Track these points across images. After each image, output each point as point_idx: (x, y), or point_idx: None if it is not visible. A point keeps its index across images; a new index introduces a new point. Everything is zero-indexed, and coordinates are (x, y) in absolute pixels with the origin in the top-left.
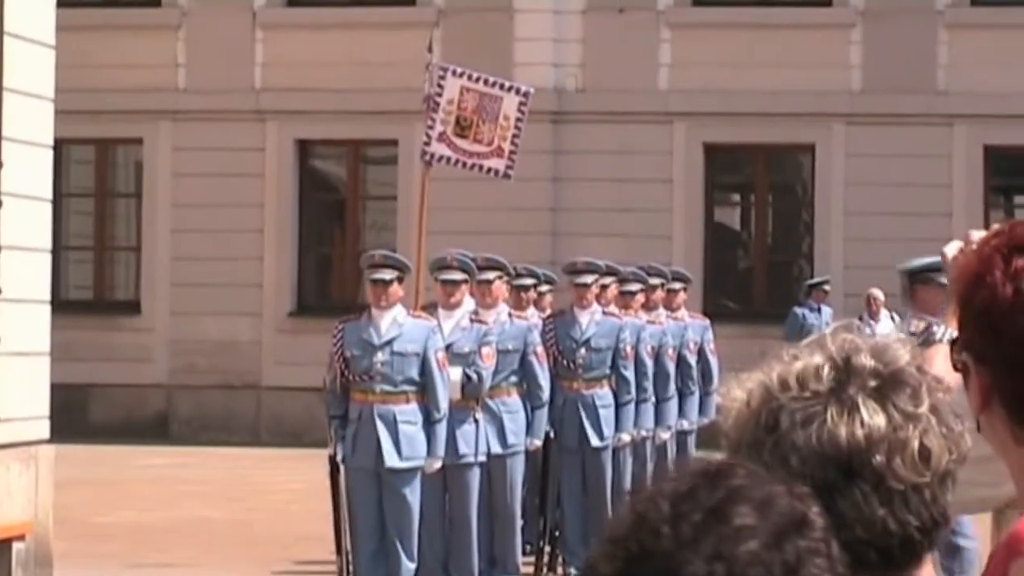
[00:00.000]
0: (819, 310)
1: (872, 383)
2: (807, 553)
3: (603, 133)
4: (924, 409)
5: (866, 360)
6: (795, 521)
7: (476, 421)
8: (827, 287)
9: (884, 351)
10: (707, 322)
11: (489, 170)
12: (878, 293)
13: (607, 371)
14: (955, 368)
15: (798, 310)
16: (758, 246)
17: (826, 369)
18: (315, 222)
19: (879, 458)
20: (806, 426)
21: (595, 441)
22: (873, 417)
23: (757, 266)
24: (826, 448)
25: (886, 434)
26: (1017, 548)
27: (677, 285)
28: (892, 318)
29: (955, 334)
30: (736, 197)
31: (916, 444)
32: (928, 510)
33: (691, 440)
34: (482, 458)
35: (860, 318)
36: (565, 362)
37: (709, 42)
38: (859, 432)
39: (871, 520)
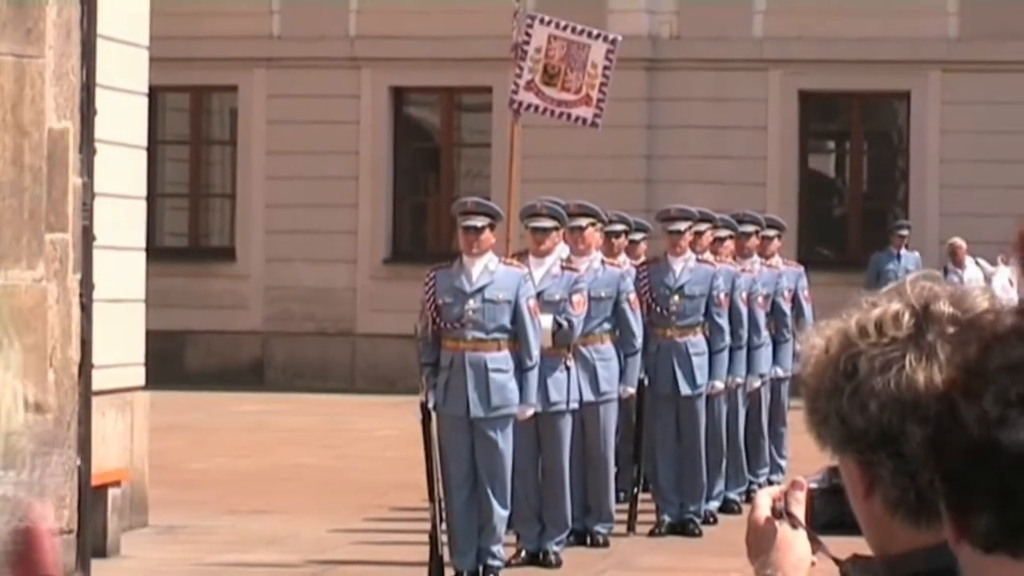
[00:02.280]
0: (898, 256)
1: (951, 330)
2: None
3: (697, 81)
4: None
5: (945, 307)
6: None
7: (568, 369)
8: (903, 232)
9: (963, 298)
10: (801, 270)
11: (577, 119)
12: (960, 241)
13: (700, 319)
14: None
15: (875, 257)
16: (853, 194)
17: (905, 316)
18: (409, 170)
19: None
20: (884, 372)
21: (688, 389)
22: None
23: (852, 214)
24: (904, 394)
25: None
26: None
27: (771, 233)
28: (978, 263)
29: None
30: (831, 145)
31: None
32: None
33: (785, 388)
34: (574, 406)
35: (945, 269)
36: (658, 309)
37: None
38: (937, 378)
39: None
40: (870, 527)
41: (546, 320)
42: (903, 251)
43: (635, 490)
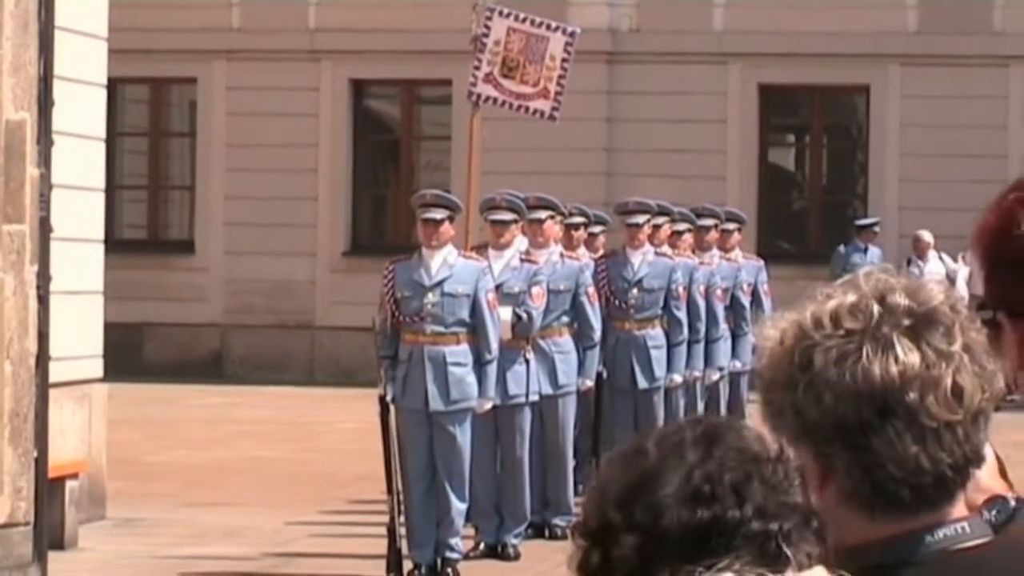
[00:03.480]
0: (866, 250)
1: (906, 321)
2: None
3: (657, 74)
4: (957, 347)
5: (900, 299)
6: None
7: (527, 361)
8: (876, 228)
9: (918, 290)
10: (761, 263)
11: (535, 111)
12: (925, 234)
13: (659, 312)
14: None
15: (842, 249)
16: (812, 187)
17: (860, 308)
18: (369, 162)
19: (912, 395)
20: (840, 364)
21: (646, 383)
22: (907, 355)
23: (812, 207)
24: (860, 385)
25: (919, 372)
26: None
27: (731, 226)
28: (941, 259)
29: None
30: (791, 138)
31: (949, 382)
32: (961, 448)
33: (744, 381)
34: (533, 399)
35: (908, 260)
36: (617, 302)
37: None
38: (893, 369)
39: (904, 458)
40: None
41: (505, 312)
42: (870, 247)
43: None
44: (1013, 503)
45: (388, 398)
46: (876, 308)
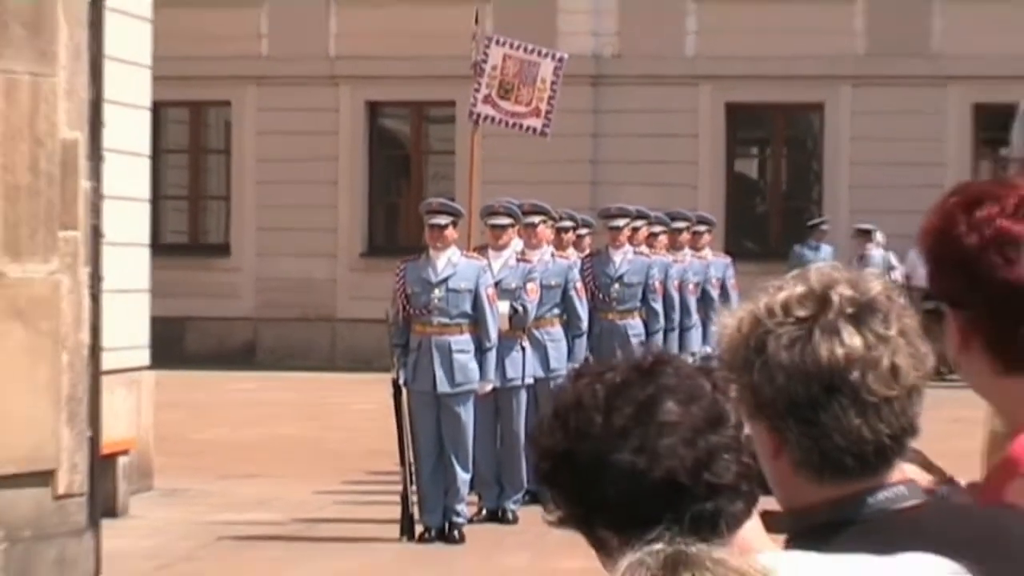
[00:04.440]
0: (818, 248)
1: (849, 310)
2: (718, 448)
3: (637, 94)
4: (894, 332)
5: (844, 290)
6: (712, 419)
7: (523, 349)
8: (825, 227)
9: (859, 282)
10: (728, 260)
11: (528, 128)
12: (875, 233)
13: (638, 304)
14: (927, 314)
15: (797, 248)
16: (774, 193)
17: (808, 298)
18: (383, 174)
19: (855, 374)
20: (791, 348)
21: None
22: (850, 339)
23: (773, 211)
24: (809, 367)
25: (861, 354)
26: (1014, 470)
27: (702, 228)
28: (886, 257)
29: None
30: (755, 150)
31: (887, 362)
32: (898, 420)
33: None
34: (529, 381)
35: (860, 256)
36: (601, 296)
37: (730, 13)
38: (838, 352)
39: (848, 429)
40: (778, 485)
41: (503, 306)
42: (822, 244)
43: None
44: (946, 491)
45: (400, 382)
46: (822, 298)
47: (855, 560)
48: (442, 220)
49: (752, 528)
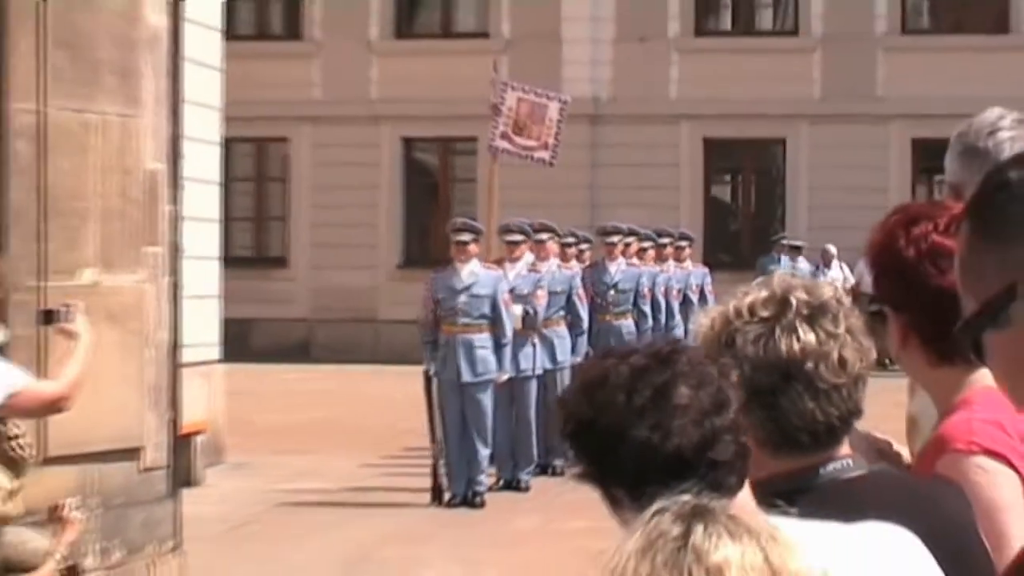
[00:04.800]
0: (779, 260)
1: (805, 311)
2: (721, 430)
3: (628, 131)
4: (842, 330)
5: (800, 295)
6: (717, 403)
7: (533, 345)
8: (784, 241)
9: (813, 288)
10: (706, 270)
11: (537, 159)
12: (830, 247)
13: (630, 307)
14: (872, 315)
15: (763, 259)
16: (744, 214)
17: (770, 301)
18: (416, 199)
19: (809, 365)
20: (756, 343)
21: None
22: (806, 335)
23: (744, 229)
24: (771, 359)
25: (815, 348)
26: (943, 447)
27: (683, 243)
28: (841, 268)
29: None
30: (728, 178)
31: (836, 355)
32: (845, 404)
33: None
34: (539, 372)
35: (817, 266)
36: (599, 300)
37: (707, 63)
38: (795, 346)
39: (803, 412)
40: None
41: (517, 309)
42: (783, 256)
43: None
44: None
45: (431, 373)
46: (783, 301)
47: (824, 527)
48: (466, 237)
49: (744, 497)
